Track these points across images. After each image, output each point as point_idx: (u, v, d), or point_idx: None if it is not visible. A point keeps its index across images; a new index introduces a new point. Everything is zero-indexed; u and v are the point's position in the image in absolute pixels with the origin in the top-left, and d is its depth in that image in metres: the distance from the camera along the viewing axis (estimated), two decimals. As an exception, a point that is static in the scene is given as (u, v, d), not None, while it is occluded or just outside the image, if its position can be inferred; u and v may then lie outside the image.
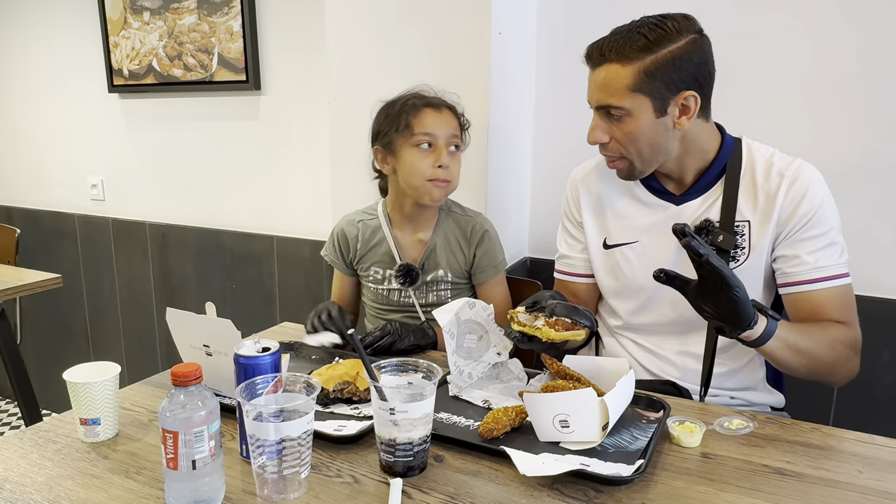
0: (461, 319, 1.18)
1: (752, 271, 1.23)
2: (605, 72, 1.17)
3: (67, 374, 1.01)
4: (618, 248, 1.34)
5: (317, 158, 2.27)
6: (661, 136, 1.20)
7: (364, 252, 1.55)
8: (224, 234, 2.50)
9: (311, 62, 2.21)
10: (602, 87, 1.18)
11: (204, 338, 1.07)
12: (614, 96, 1.17)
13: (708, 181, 1.26)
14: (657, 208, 1.30)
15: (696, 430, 0.99)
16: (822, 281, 1.19)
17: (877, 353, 1.61)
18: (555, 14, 1.85)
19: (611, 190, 1.36)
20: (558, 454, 0.95)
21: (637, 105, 1.16)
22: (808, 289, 1.20)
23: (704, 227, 1.23)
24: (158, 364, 2.76)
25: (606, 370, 1.12)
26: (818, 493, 0.87)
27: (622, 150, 1.22)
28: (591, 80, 1.21)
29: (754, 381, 1.31)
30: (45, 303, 2.95)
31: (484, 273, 1.52)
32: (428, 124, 1.41)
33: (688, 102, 1.17)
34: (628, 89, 1.15)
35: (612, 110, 1.18)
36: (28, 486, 0.89)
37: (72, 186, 2.85)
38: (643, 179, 1.32)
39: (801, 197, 1.19)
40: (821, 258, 1.19)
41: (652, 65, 1.14)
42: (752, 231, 1.22)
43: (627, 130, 1.19)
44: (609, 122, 1.20)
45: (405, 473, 0.90)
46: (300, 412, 0.84)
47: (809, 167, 1.22)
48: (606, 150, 1.24)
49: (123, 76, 2.55)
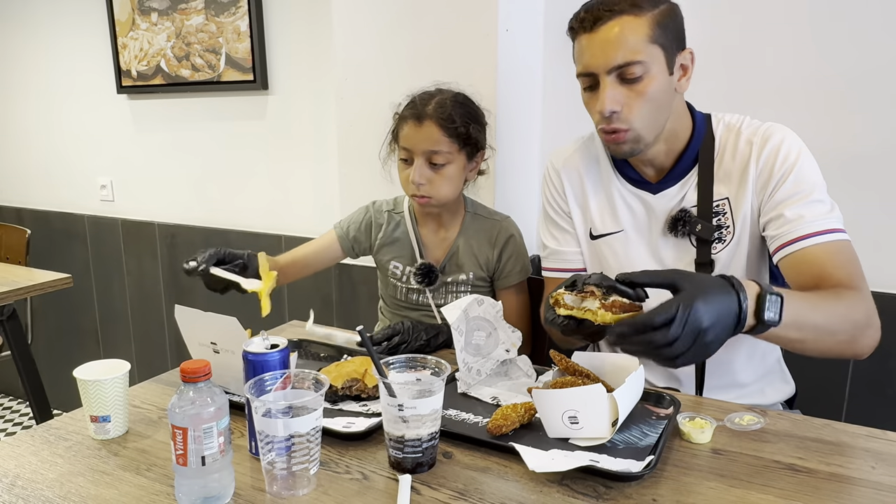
0: (470, 316, 1.18)
1: (742, 247, 1.19)
2: (616, 26, 1.08)
3: (78, 371, 1.02)
4: (603, 238, 1.29)
5: (324, 157, 2.27)
6: (669, 98, 1.15)
7: (384, 243, 1.53)
8: (232, 233, 2.51)
9: (319, 61, 2.21)
10: (617, 43, 1.08)
11: (211, 335, 1.08)
12: (634, 49, 1.08)
13: (685, 166, 1.21)
14: (634, 199, 1.26)
15: (707, 426, 0.98)
16: (814, 236, 1.08)
17: (890, 349, 1.60)
18: (562, 10, 1.83)
19: (591, 177, 1.30)
20: (567, 450, 0.94)
21: (654, 58, 1.10)
22: (799, 246, 1.09)
23: (681, 219, 1.19)
24: (168, 363, 2.77)
25: (616, 366, 1.11)
26: (830, 489, 0.86)
27: (633, 116, 1.12)
28: (595, 43, 1.11)
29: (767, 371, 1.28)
30: (56, 303, 2.97)
31: (508, 278, 1.50)
32: (406, 137, 1.39)
33: (686, 61, 1.15)
34: (647, 40, 1.09)
35: (629, 69, 1.09)
36: (39, 483, 0.89)
37: (81, 187, 2.87)
38: (620, 168, 1.27)
39: (774, 157, 1.14)
40: (806, 213, 1.10)
41: (661, 16, 1.10)
42: (732, 206, 1.18)
43: (641, 90, 1.10)
44: (621, 86, 1.11)
45: (414, 470, 0.90)
46: (309, 408, 0.84)
47: (780, 127, 1.16)
48: (615, 122, 1.13)
49: (132, 77, 2.56)
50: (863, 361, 1.57)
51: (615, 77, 1.11)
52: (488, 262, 1.49)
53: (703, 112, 1.24)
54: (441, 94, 1.42)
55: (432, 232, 1.51)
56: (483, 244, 1.49)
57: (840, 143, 1.58)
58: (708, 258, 1.19)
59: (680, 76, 1.16)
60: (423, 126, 1.37)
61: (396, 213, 1.54)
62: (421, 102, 1.40)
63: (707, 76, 1.64)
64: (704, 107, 1.27)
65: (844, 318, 1.02)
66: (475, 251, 1.49)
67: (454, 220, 1.50)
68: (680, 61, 1.15)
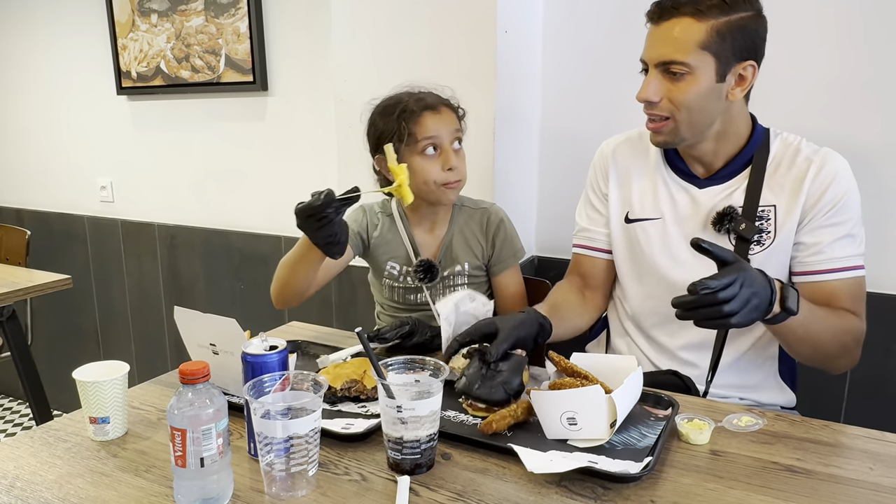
0: (460, 310, 1.20)
1: (777, 254, 1.23)
2: (676, 25, 1.15)
3: (77, 372, 1.02)
4: (639, 223, 1.33)
5: (324, 159, 2.27)
6: (714, 103, 1.19)
7: (380, 242, 1.53)
8: (232, 234, 2.51)
9: (318, 62, 2.21)
10: (670, 40, 1.15)
11: (210, 337, 1.08)
12: (682, 51, 1.14)
13: (735, 168, 1.26)
14: (679, 189, 1.30)
15: (705, 427, 0.98)
16: (838, 272, 1.20)
17: (890, 350, 1.60)
18: (561, 12, 1.85)
19: (638, 165, 1.36)
20: (566, 451, 0.94)
21: (702, 63, 1.15)
22: (823, 279, 1.21)
23: (727, 214, 1.23)
24: (168, 364, 2.77)
25: (614, 367, 1.11)
26: (828, 490, 0.86)
27: (674, 110, 1.19)
28: (655, 35, 1.18)
29: (764, 377, 1.30)
30: (56, 304, 2.97)
31: (504, 263, 1.51)
32: (430, 128, 1.39)
33: (746, 73, 1.18)
34: (698, 45, 1.14)
35: (674, 66, 1.15)
36: (38, 484, 0.89)
37: (81, 188, 2.87)
38: (670, 160, 1.32)
39: (829, 183, 1.19)
40: (838, 248, 1.20)
41: (725, 26, 1.14)
42: (777, 214, 1.23)
43: (685, 90, 1.16)
44: (666, 79, 1.18)
45: (413, 471, 0.90)
46: (308, 410, 0.84)
47: (837, 155, 1.23)
48: (654, 109, 1.20)
49: (132, 78, 2.56)
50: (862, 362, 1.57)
51: (661, 70, 1.18)
52: (482, 250, 1.50)
53: (764, 125, 1.29)
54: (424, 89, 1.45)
55: (425, 231, 1.52)
56: (475, 233, 1.50)
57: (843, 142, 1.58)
58: (745, 257, 1.23)
59: (734, 85, 1.19)
60: (442, 112, 1.41)
61: (387, 214, 1.54)
62: (418, 97, 1.42)
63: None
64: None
65: (838, 337, 1.18)
66: (468, 241, 1.50)
67: (444, 215, 1.51)
68: (739, 71, 1.18)
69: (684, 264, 1.27)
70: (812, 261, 1.21)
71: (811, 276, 1.22)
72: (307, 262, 1.36)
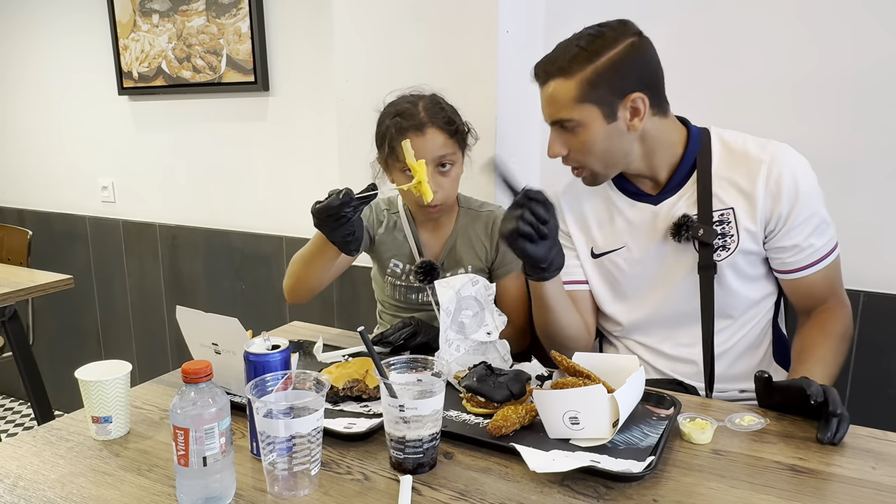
0: (461, 295, 1.20)
1: (746, 256, 1.24)
2: (551, 87, 1.20)
3: (79, 372, 1.02)
4: (605, 255, 1.34)
5: (325, 159, 2.27)
6: (617, 140, 1.21)
7: (384, 239, 1.52)
8: (233, 234, 2.51)
9: (319, 63, 2.21)
10: (550, 102, 1.21)
11: (212, 336, 1.08)
12: (563, 110, 1.20)
13: (682, 176, 1.27)
14: (637, 211, 1.31)
15: (707, 426, 0.98)
16: (817, 263, 1.23)
17: (890, 350, 1.60)
18: (563, 12, 1.85)
19: (590, 202, 1.37)
20: (568, 451, 0.94)
21: (586, 114, 1.19)
22: (805, 274, 1.24)
23: (683, 223, 1.24)
24: (169, 364, 2.77)
25: (616, 367, 1.11)
26: (831, 489, 0.86)
27: (581, 159, 1.24)
28: (542, 97, 1.24)
29: (760, 359, 1.31)
30: (57, 304, 2.97)
31: (508, 267, 1.50)
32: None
33: (636, 104, 1.19)
34: (574, 101, 1.18)
35: (564, 123, 1.21)
36: (41, 484, 0.90)
37: (83, 189, 2.87)
38: (619, 185, 1.33)
39: (782, 182, 1.19)
40: (816, 239, 1.22)
41: (593, 74, 1.17)
42: (737, 216, 1.23)
43: (582, 140, 1.21)
44: (564, 134, 1.23)
45: (415, 470, 0.90)
46: (310, 409, 0.84)
47: (783, 148, 1.23)
48: (568, 161, 1.27)
49: (133, 78, 2.56)
50: (863, 362, 1.57)
51: (558, 127, 1.24)
52: (486, 253, 1.50)
53: (699, 126, 1.29)
54: (421, 100, 1.40)
55: (430, 230, 1.51)
56: (479, 236, 1.50)
57: (832, 144, 1.58)
58: (710, 261, 1.23)
59: (629, 118, 1.20)
60: (427, 134, 1.35)
61: (392, 212, 1.54)
62: (409, 113, 1.37)
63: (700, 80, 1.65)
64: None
65: (844, 351, 1.25)
66: (472, 244, 1.49)
67: (450, 217, 1.51)
68: (628, 105, 1.19)
69: (662, 279, 1.29)
70: (797, 259, 1.23)
71: (796, 273, 1.24)
72: (323, 258, 1.36)
